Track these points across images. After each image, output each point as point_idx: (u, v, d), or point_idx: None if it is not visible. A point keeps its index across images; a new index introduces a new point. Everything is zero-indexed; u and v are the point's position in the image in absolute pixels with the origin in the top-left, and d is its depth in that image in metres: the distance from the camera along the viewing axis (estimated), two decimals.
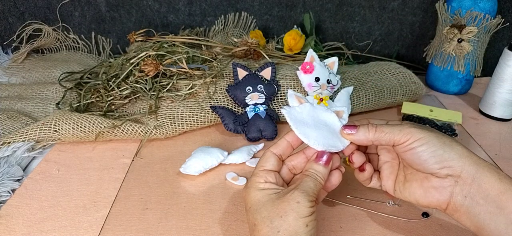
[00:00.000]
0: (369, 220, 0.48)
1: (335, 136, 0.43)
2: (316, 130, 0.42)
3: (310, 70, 0.67)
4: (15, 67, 0.89)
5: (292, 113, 0.43)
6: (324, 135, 0.42)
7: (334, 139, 0.43)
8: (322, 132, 0.43)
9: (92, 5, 0.93)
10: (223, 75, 0.72)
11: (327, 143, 0.42)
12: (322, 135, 0.42)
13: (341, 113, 0.45)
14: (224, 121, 0.65)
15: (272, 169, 0.41)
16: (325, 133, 0.43)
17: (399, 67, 0.79)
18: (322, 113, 0.44)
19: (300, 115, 0.44)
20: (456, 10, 0.77)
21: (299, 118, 0.43)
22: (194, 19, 0.95)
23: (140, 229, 0.46)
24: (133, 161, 0.60)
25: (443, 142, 0.37)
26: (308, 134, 0.42)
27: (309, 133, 0.42)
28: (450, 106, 0.79)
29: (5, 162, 0.57)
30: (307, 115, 0.44)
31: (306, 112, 0.44)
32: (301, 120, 0.43)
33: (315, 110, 0.45)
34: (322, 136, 0.42)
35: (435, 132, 0.38)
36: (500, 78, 0.71)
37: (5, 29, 0.95)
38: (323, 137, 0.42)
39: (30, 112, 0.71)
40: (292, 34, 0.86)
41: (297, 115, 0.44)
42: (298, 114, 0.44)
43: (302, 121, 0.43)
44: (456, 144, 0.37)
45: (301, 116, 0.44)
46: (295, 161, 0.43)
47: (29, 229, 0.46)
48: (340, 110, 0.45)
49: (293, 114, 0.43)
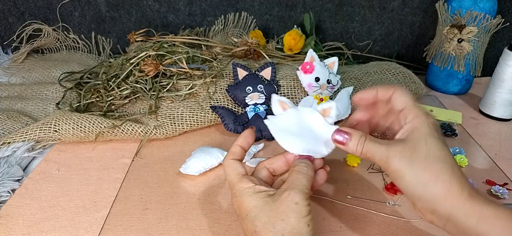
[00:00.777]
0: (369, 220, 0.48)
1: (320, 141, 0.42)
2: (300, 138, 0.42)
3: (310, 70, 0.67)
4: (15, 67, 0.89)
5: (275, 122, 0.43)
6: (308, 141, 0.42)
7: (319, 146, 0.42)
8: (306, 138, 0.42)
9: (92, 5, 0.93)
10: (223, 75, 0.72)
11: (312, 150, 0.42)
12: (307, 142, 0.42)
13: (328, 110, 0.43)
14: (224, 121, 0.65)
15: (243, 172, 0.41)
16: (309, 139, 0.42)
17: (399, 67, 0.79)
18: (307, 116, 0.43)
19: (283, 123, 0.43)
20: (456, 10, 0.77)
21: (283, 126, 0.43)
22: (194, 19, 0.95)
23: (140, 229, 0.46)
24: (133, 161, 0.60)
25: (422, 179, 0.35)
26: (292, 143, 0.42)
27: (293, 141, 0.42)
28: (450, 106, 0.79)
29: (5, 162, 0.57)
30: (291, 122, 0.43)
31: (290, 118, 0.44)
32: (284, 129, 0.43)
33: (300, 114, 0.44)
34: (307, 142, 0.42)
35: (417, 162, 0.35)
36: (500, 78, 0.71)
37: (5, 29, 0.95)
38: (307, 143, 0.42)
39: (30, 112, 0.71)
40: (292, 34, 0.86)
41: (280, 124, 0.43)
42: (281, 122, 0.43)
43: (286, 129, 0.43)
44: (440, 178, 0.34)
45: (285, 124, 0.43)
46: (276, 165, 0.43)
47: (29, 229, 0.46)
48: (326, 108, 0.43)
49: (276, 124, 0.43)
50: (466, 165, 0.59)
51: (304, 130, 0.43)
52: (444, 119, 0.70)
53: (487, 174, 0.58)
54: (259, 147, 0.62)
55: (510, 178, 0.57)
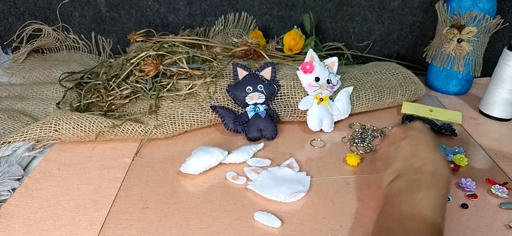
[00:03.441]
0: (369, 219, 0.48)
1: (296, 183, 0.53)
2: (280, 186, 0.52)
3: (310, 70, 0.67)
4: (15, 67, 0.90)
5: (256, 184, 0.53)
6: (288, 186, 0.52)
7: (296, 186, 0.53)
8: (285, 184, 0.53)
9: (92, 5, 0.93)
10: (223, 75, 0.72)
11: (293, 192, 0.51)
12: (286, 187, 0.52)
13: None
14: (224, 121, 0.66)
15: None
16: (288, 185, 0.53)
17: (399, 67, 0.79)
18: (277, 171, 0.56)
19: (262, 181, 0.53)
20: (456, 10, 0.77)
21: (264, 183, 0.53)
22: (194, 19, 0.95)
23: (140, 228, 0.46)
24: (133, 161, 0.60)
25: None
26: (276, 193, 0.51)
27: (276, 192, 0.51)
28: (450, 106, 0.79)
29: (5, 161, 0.57)
30: (267, 179, 0.54)
31: (265, 177, 0.54)
32: (266, 185, 0.52)
33: (271, 172, 0.55)
34: (286, 188, 0.52)
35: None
36: (500, 78, 0.71)
37: (5, 29, 0.95)
38: (287, 188, 0.52)
39: (30, 112, 0.71)
40: (292, 34, 0.86)
41: (261, 183, 0.53)
42: (261, 182, 0.53)
43: (267, 185, 0.52)
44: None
45: (264, 182, 0.53)
46: None
47: (29, 228, 0.46)
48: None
49: (258, 185, 0.53)
50: (466, 165, 0.59)
51: (280, 180, 0.54)
52: (444, 119, 0.70)
53: (487, 173, 0.58)
54: (259, 146, 0.62)
55: (510, 177, 0.57)
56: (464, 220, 0.48)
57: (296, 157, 0.60)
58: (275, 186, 0.52)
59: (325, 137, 0.67)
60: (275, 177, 0.54)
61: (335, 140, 0.66)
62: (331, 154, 0.62)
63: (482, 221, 0.48)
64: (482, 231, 0.47)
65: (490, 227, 0.47)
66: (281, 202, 0.50)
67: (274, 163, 0.59)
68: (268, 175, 0.55)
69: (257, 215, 0.48)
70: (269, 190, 0.51)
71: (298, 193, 0.51)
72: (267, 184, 0.53)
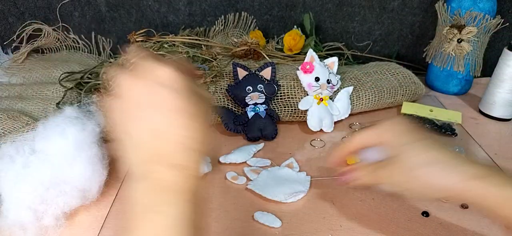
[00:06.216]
0: (369, 219, 0.48)
1: (296, 183, 0.53)
2: (280, 186, 0.52)
3: (310, 70, 0.67)
4: (15, 67, 0.89)
5: (256, 184, 0.53)
6: (288, 186, 0.52)
7: (296, 186, 0.52)
8: (285, 184, 0.52)
9: (92, 5, 0.93)
10: (223, 75, 0.72)
11: (293, 192, 0.51)
12: (287, 187, 0.52)
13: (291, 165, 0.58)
14: (224, 121, 0.66)
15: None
16: (288, 185, 0.53)
17: (399, 67, 0.79)
18: (277, 172, 0.56)
19: (262, 181, 0.53)
20: (456, 10, 0.77)
21: (264, 183, 0.53)
22: (194, 19, 0.95)
23: None
24: None
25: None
26: (276, 193, 0.51)
27: (276, 192, 0.51)
28: (450, 106, 0.79)
29: None
30: (267, 179, 0.54)
31: (265, 177, 0.54)
32: (266, 185, 0.52)
33: (271, 172, 0.55)
34: (286, 188, 0.52)
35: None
36: (500, 78, 0.71)
37: (5, 29, 0.95)
38: (287, 188, 0.52)
39: (30, 112, 0.71)
40: (292, 34, 0.86)
41: (261, 183, 0.53)
42: (261, 182, 0.53)
43: (267, 185, 0.52)
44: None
45: (264, 182, 0.53)
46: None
47: None
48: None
49: (258, 185, 0.52)
50: None
51: (280, 180, 0.54)
52: (444, 119, 0.70)
53: None
54: (259, 147, 0.62)
55: None
56: (464, 220, 0.48)
57: (296, 157, 0.60)
58: (275, 186, 0.52)
59: (325, 137, 0.67)
60: (275, 177, 0.54)
61: (335, 140, 0.66)
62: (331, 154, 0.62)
63: (482, 221, 0.48)
64: (482, 231, 0.47)
65: (490, 227, 0.47)
66: (281, 202, 0.50)
67: (274, 163, 0.59)
68: (268, 175, 0.55)
69: (257, 215, 0.48)
70: (269, 190, 0.51)
71: (298, 193, 0.51)
72: (267, 184, 0.53)
